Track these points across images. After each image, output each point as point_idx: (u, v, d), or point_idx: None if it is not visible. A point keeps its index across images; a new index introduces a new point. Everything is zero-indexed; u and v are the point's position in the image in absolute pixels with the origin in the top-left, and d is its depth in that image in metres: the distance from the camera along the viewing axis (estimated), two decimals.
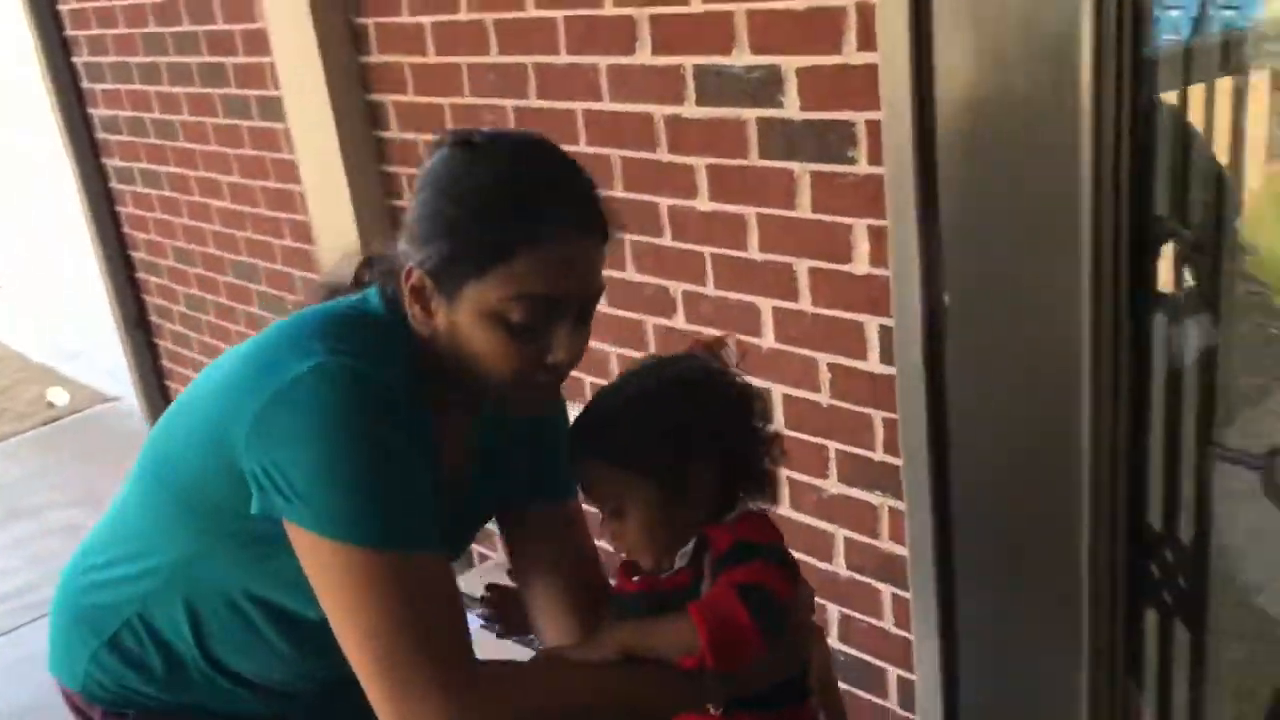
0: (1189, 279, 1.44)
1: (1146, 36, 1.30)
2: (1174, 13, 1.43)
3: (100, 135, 3.99)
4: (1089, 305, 1.34)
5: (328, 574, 1.07)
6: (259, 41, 2.98)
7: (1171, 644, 1.54)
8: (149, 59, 3.52)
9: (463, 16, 2.42)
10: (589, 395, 1.32)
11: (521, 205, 1.12)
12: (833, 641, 2.20)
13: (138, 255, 4.10)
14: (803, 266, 2.00)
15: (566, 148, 1.23)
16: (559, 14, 2.22)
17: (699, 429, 1.25)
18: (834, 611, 2.20)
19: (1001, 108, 1.49)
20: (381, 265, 1.22)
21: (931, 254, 1.62)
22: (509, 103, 2.41)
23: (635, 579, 1.31)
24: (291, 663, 1.27)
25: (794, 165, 1.94)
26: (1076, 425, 1.35)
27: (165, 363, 4.23)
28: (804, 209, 1.95)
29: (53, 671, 1.39)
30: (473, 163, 1.15)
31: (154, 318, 4.15)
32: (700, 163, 2.10)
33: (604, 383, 1.36)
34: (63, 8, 3.84)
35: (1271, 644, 1.62)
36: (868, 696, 2.20)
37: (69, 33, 3.87)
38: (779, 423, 2.15)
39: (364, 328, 1.17)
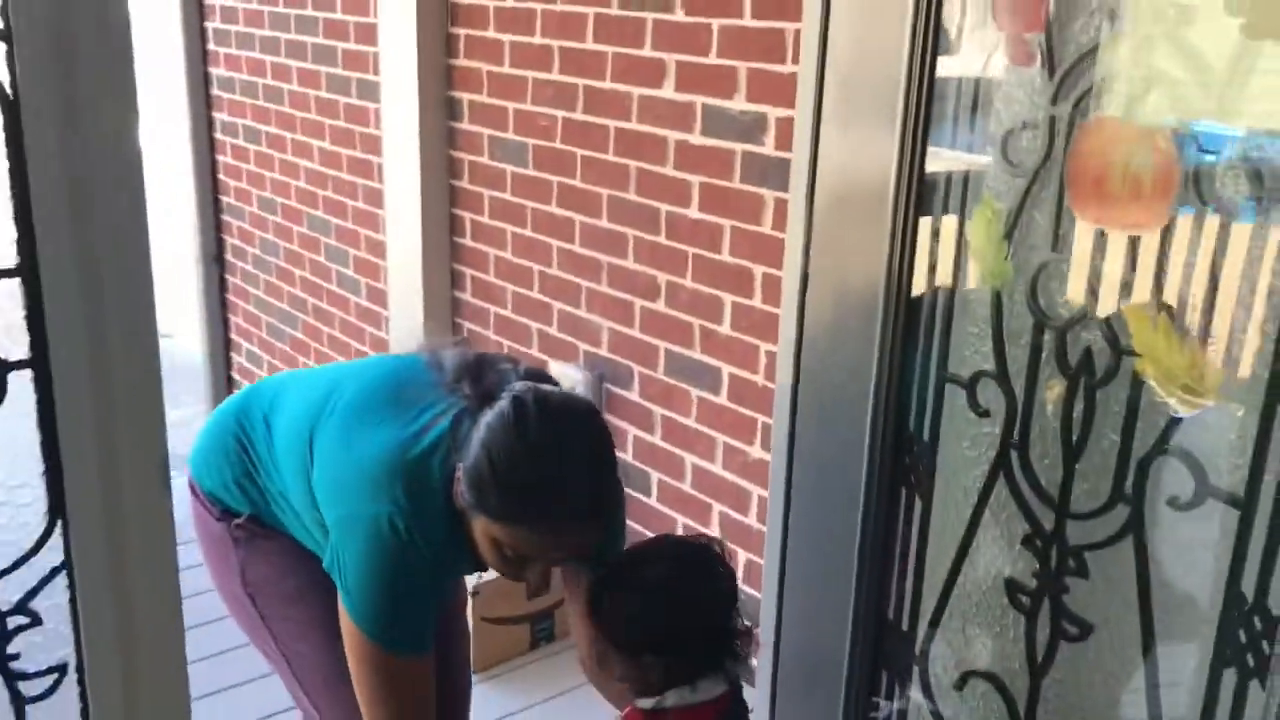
0: None
1: None
2: None
3: (215, 91, 4.64)
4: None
5: (350, 640, 1.54)
6: (368, 33, 3.61)
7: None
8: (271, 33, 4.17)
9: (536, 39, 3.03)
10: (581, 358, 1.88)
11: (535, 495, 1.42)
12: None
13: (226, 199, 4.74)
14: (758, 271, 2.57)
15: (597, 156, 1.80)
16: (610, 49, 2.82)
17: (673, 639, 1.48)
18: (743, 557, 2.74)
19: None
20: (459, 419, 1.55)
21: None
22: (560, 113, 3.00)
23: None
24: None
25: (764, 191, 2.52)
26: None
27: (230, 296, 4.85)
28: (766, 226, 2.53)
29: (190, 465, 1.84)
30: (517, 429, 1.42)
31: (229, 256, 4.78)
32: (696, 180, 2.68)
33: (592, 349, 1.91)
34: None
35: None
36: None
37: (208, 1, 4.55)
38: (724, 397, 2.72)
39: (425, 489, 1.51)
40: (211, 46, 4.60)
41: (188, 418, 4.31)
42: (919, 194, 1.54)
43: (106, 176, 1.15)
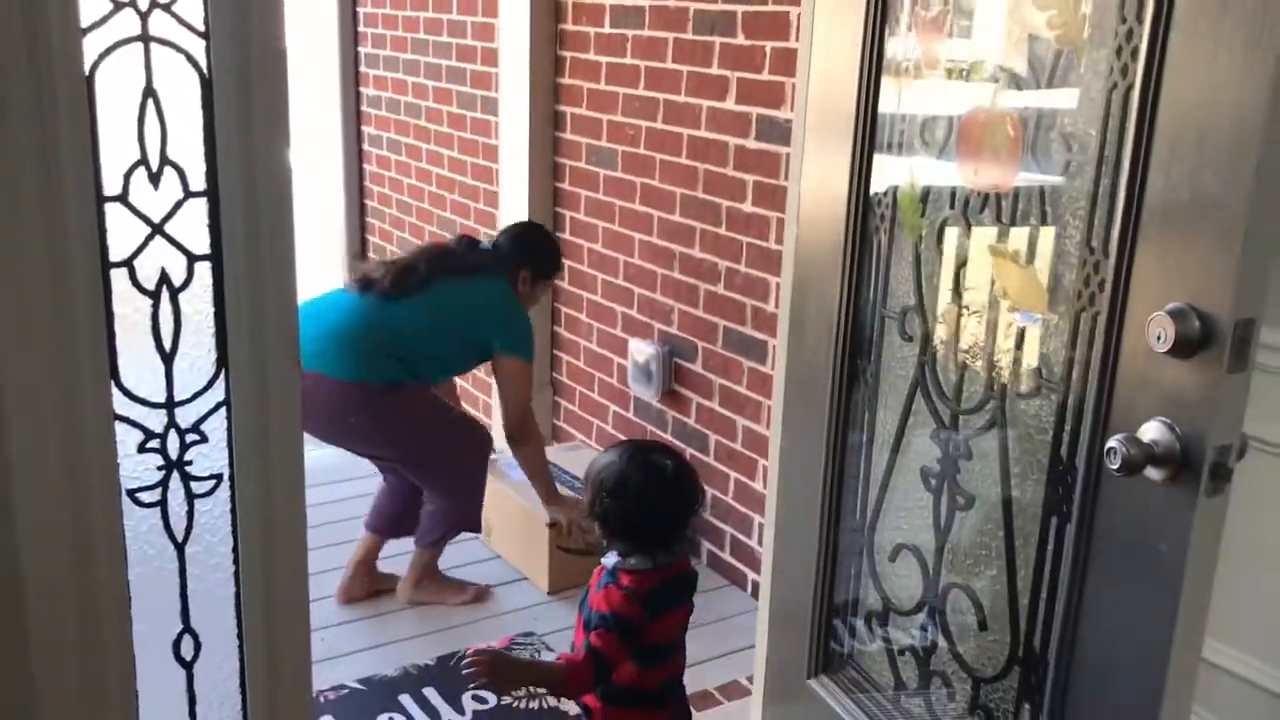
0: None
1: None
2: None
3: (364, 108, 5.36)
4: None
5: (515, 368, 3.13)
6: (491, 57, 4.25)
7: None
8: (412, 56, 4.86)
9: (627, 60, 3.61)
10: (656, 336, 2.41)
11: (560, 259, 3.36)
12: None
13: (370, 203, 5.44)
14: None
15: (672, 159, 2.42)
16: (684, 68, 3.38)
17: (621, 517, 2.03)
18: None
19: None
20: (504, 257, 3.31)
21: None
22: (644, 123, 3.57)
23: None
24: None
25: None
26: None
27: None
28: None
29: (346, 377, 2.88)
30: (540, 232, 3.52)
31: (372, 253, 5.48)
32: (750, 179, 3.20)
33: (665, 328, 2.44)
34: (360, 10, 5.25)
35: None
36: None
37: (360, 29, 5.27)
38: (769, 366, 3.21)
39: (508, 294, 3.25)
40: (362, 69, 5.32)
41: None
42: (868, 179, 2.04)
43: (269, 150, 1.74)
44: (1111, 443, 1.51)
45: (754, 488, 3.33)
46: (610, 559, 2.06)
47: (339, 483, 3.92)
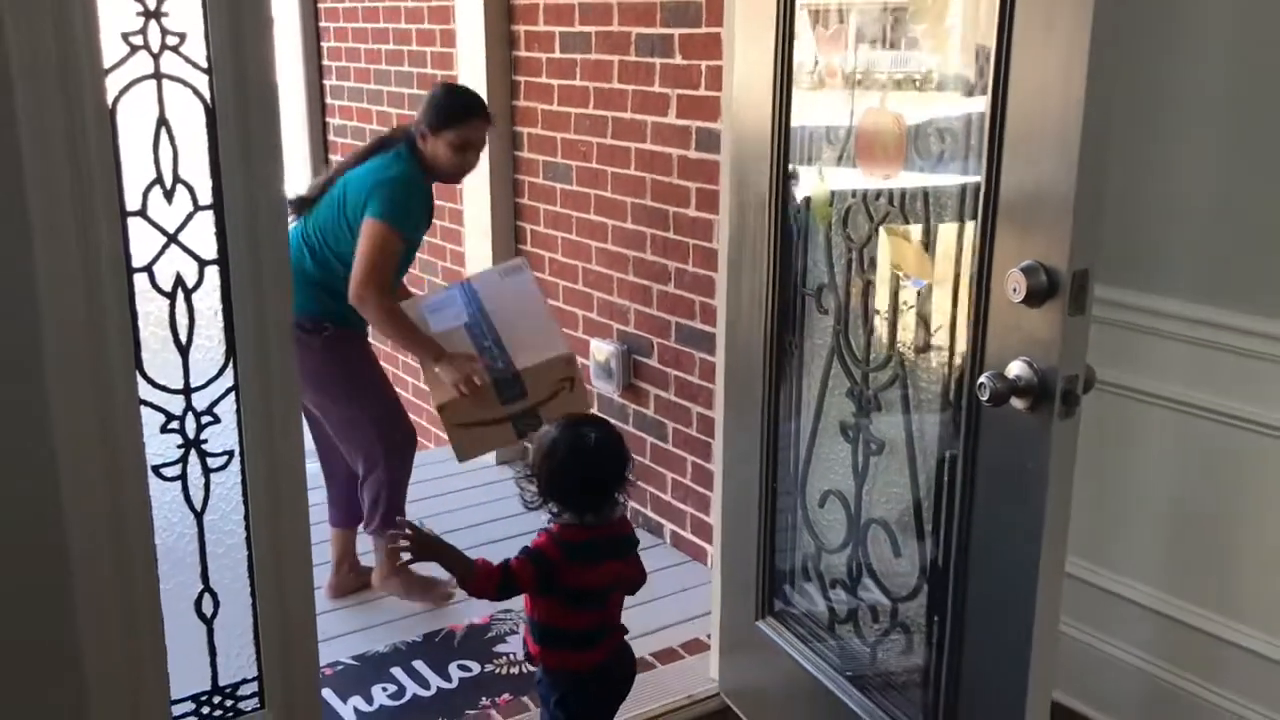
0: None
1: None
2: None
3: (331, 137, 5.67)
4: None
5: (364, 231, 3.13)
6: (449, 37, 4.56)
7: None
8: (376, 86, 5.17)
9: (577, 82, 3.94)
10: (615, 335, 2.74)
11: (459, 110, 3.23)
12: None
13: None
14: None
15: (622, 172, 2.74)
16: (629, 87, 3.71)
17: (553, 481, 2.21)
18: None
19: None
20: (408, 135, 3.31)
21: None
22: (595, 139, 3.89)
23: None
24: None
25: None
26: None
27: None
28: None
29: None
30: (444, 92, 3.39)
31: None
32: (693, 186, 3.53)
33: (623, 327, 2.76)
34: (324, 44, 5.56)
35: None
36: None
37: (325, 62, 5.59)
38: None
39: (407, 159, 3.25)
40: (329, 100, 5.63)
41: None
42: (786, 177, 2.37)
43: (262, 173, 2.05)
44: (981, 379, 1.84)
45: (709, 469, 3.65)
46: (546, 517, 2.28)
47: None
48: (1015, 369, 1.83)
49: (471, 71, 4.34)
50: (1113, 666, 2.69)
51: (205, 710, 2.23)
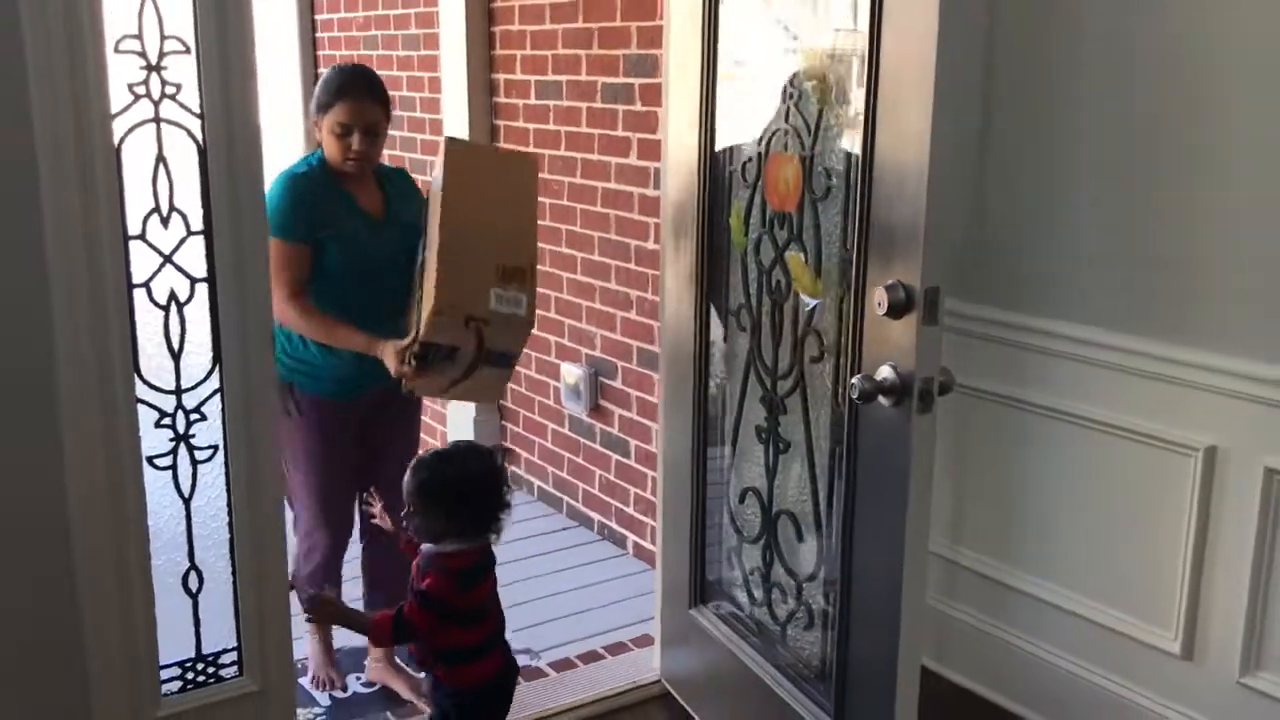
0: None
1: None
2: None
3: None
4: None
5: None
6: (438, 127, 4.93)
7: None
8: None
9: (550, 126, 4.30)
10: (583, 359, 3.07)
11: (331, 91, 2.97)
12: None
13: None
14: None
15: (589, 208, 3.20)
16: (595, 131, 4.07)
17: (446, 492, 2.38)
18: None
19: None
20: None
21: None
22: (565, 179, 4.24)
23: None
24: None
25: None
26: None
27: None
28: None
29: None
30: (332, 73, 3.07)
31: None
32: (651, 221, 3.88)
33: (590, 352, 3.10)
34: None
35: None
36: None
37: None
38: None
39: (309, 158, 3.07)
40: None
41: None
42: (711, 207, 2.71)
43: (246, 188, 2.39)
44: (853, 380, 2.17)
45: None
46: (427, 548, 2.43)
47: None
48: (883, 372, 2.15)
49: (456, 116, 4.70)
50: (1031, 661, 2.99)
51: (190, 675, 2.54)
